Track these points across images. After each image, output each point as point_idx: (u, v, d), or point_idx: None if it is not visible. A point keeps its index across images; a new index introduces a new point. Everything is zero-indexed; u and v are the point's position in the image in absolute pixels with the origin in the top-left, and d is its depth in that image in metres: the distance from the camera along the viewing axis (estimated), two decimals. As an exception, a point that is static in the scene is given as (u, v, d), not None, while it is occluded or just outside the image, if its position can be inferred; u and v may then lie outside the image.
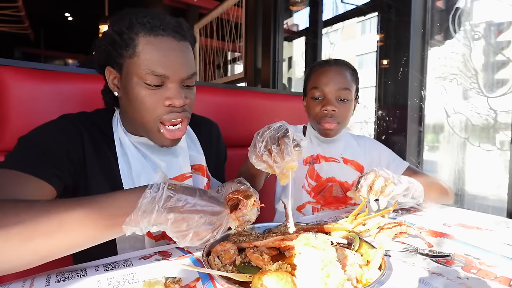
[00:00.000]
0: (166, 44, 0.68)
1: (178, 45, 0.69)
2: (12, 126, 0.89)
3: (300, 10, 2.63)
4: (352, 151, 1.14)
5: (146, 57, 0.66)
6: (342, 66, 1.06)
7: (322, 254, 0.45)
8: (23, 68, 0.93)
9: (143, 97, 0.68)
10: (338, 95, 1.02)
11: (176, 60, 0.68)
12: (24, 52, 8.18)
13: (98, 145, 0.73)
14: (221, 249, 0.57)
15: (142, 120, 0.70)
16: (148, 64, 0.66)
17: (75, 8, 6.66)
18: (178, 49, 0.69)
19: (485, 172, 1.37)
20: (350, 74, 1.05)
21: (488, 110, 1.27)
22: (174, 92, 0.68)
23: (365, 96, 1.93)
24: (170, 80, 0.68)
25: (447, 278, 0.50)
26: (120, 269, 0.53)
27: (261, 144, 0.60)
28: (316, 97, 1.04)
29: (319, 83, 1.04)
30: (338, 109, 1.02)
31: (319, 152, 1.11)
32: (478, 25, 1.32)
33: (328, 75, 1.03)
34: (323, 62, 1.09)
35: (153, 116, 0.69)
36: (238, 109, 1.39)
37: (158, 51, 0.67)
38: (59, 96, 0.96)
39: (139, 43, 0.67)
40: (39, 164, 0.60)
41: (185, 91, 0.71)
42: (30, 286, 0.47)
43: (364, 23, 8.30)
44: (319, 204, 1.09)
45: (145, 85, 0.67)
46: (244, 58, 2.62)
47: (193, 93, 0.75)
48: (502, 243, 0.67)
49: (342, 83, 1.02)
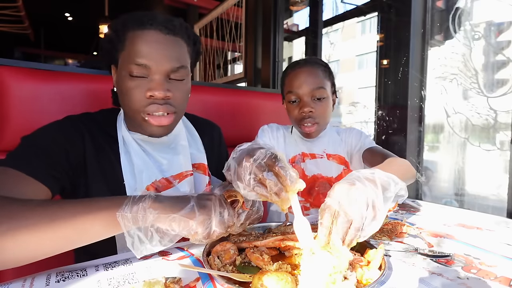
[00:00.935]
0: (151, 36, 0.69)
1: (164, 38, 0.70)
2: (12, 126, 0.89)
3: (300, 10, 2.63)
4: (335, 145, 1.15)
5: (131, 49, 0.69)
6: (313, 65, 1.06)
7: (335, 261, 0.45)
8: (23, 68, 0.93)
9: (128, 89, 0.70)
10: (313, 95, 1.02)
11: (160, 52, 0.69)
12: (24, 52, 8.18)
13: (100, 145, 0.73)
14: (221, 249, 0.57)
15: (130, 113, 0.73)
16: (132, 55, 0.68)
17: (75, 8, 6.66)
18: (163, 41, 0.70)
19: (485, 172, 1.37)
20: (322, 72, 1.05)
21: (488, 110, 1.27)
22: (156, 83, 0.69)
23: (365, 96, 1.93)
24: (152, 71, 0.69)
25: (447, 278, 0.50)
26: (120, 269, 0.53)
27: (248, 176, 0.51)
28: (293, 100, 1.05)
29: (292, 86, 1.04)
30: (315, 109, 1.02)
31: (303, 150, 1.13)
32: (478, 25, 1.32)
33: (300, 77, 1.03)
34: (294, 64, 1.09)
35: (137, 107, 0.70)
36: (238, 109, 1.39)
37: (142, 42, 0.68)
38: (59, 96, 0.96)
39: (127, 37, 0.70)
40: (36, 164, 0.61)
41: (170, 85, 0.71)
42: (30, 286, 0.47)
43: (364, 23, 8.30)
44: (308, 203, 1.09)
45: (130, 76, 0.69)
46: (244, 58, 2.62)
47: (182, 89, 0.74)
48: (502, 243, 0.67)
49: (315, 83, 1.02)
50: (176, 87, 0.72)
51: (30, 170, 0.59)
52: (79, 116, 0.75)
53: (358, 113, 1.97)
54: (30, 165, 0.60)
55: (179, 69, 0.72)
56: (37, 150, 0.63)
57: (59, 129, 0.69)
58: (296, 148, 1.14)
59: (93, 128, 0.74)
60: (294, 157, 1.12)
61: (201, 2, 4.75)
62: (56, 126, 0.70)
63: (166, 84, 0.70)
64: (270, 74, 2.37)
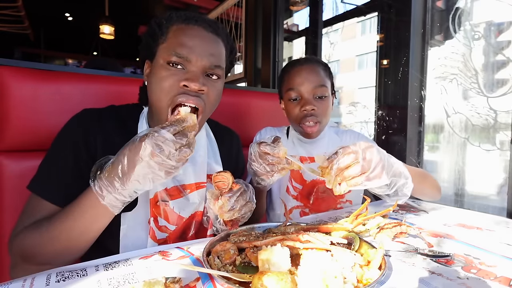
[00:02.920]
0: (195, 31, 0.71)
1: (207, 35, 0.72)
2: (12, 126, 0.89)
3: (300, 10, 2.63)
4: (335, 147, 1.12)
5: (173, 41, 0.70)
6: (314, 63, 1.04)
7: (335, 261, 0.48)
8: (23, 68, 0.93)
9: (162, 77, 0.69)
10: (315, 93, 1.01)
11: (201, 46, 0.70)
12: (24, 52, 8.18)
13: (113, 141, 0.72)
14: (221, 249, 0.57)
15: (158, 104, 0.71)
16: (174, 46, 0.69)
17: (75, 8, 6.66)
18: (205, 37, 0.71)
19: (485, 172, 1.37)
20: (323, 70, 1.04)
21: (488, 110, 1.27)
22: (193, 74, 0.69)
23: (365, 96, 1.93)
24: (191, 64, 0.70)
25: (447, 278, 0.50)
26: (120, 269, 0.53)
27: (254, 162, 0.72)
28: (293, 98, 1.03)
29: (293, 83, 1.02)
30: (317, 107, 1.00)
31: (302, 153, 1.09)
32: (478, 25, 1.31)
33: (302, 74, 1.01)
34: (294, 62, 1.07)
35: (168, 97, 0.69)
36: (238, 109, 1.39)
37: (185, 35, 0.70)
38: (59, 96, 0.96)
39: (171, 30, 0.71)
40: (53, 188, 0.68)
41: (205, 80, 0.71)
42: (30, 286, 0.47)
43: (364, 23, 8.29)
44: (307, 208, 1.07)
45: (167, 65, 0.70)
46: (244, 58, 2.62)
47: (216, 87, 0.74)
48: (502, 243, 0.67)
49: (317, 81, 1.01)
50: (211, 84, 0.73)
51: (50, 197, 0.67)
52: (96, 112, 0.75)
53: (358, 113, 1.97)
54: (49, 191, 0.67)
55: (216, 67, 0.72)
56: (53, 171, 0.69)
57: (68, 137, 0.71)
58: (294, 151, 1.10)
59: (111, 123, 0.74)
60: None
61: (201, 2, 4.75)
62: (67, 134, 0.71)
63: (202, 79, 0.70)
64: (270, 74, 2.37)
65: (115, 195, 0.57)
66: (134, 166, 0.54)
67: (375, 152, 0.66)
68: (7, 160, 0.88)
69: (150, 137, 0.54)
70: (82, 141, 0.70)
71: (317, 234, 0.61)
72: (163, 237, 0.75)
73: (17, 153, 0.90)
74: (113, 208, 0.59)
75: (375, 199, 1.12)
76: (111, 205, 0.58)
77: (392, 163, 0.72)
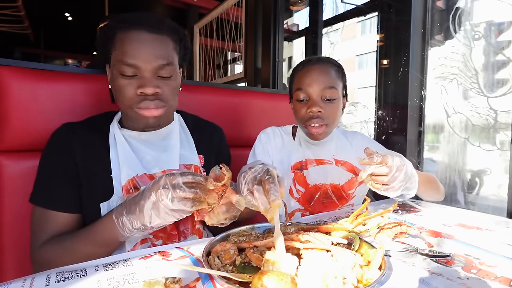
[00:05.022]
0: (137, 36, 0.73)
1: (150, 37, 0.74)
2: (12, 126, 0.89)
3: (300, 10, 2.63)
4: (344, 151, 1.09)
5: (120, 50, 0.73)
6: (325, 63, 1.00)
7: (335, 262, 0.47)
8: (23, 68, 0.93)
9: (120, 87, 0.75)
10: (323, 95, 0.97)
11: (146, 51, 0.73)
12: (24, 52, 8.17)
13: (90, 143, 0.78)
14: (221, 249, 0.57)
15: (123, 109, 0.78)
16: (122, 56, 0.73)
17: (75, 8, 6.66)
18: (149, 41, 0.74)
19: (485, 172, 1.37)
20: (335, 72, 1.00)
21: (488, 110, 1.27)
22: (145, 81, 0.74)
23: (365, 96, 1.93)
24: (142, 70, 0.74)
25: (447, 278, 0.50)
26: (120, 269, 0.53)
27: (244, 186, 0.60)
28: (301, 99, 0.99)
29: (302, 84, 0.99)
30: (325, 110, 0.96)
31: (309, 155, 1.07)
32: (478, 25, 1.31)
33: (312, 74, 0.98)
34: (306, 61, 1.03)
35: (130, 104, 0.75)
36: (238, 109, 1.39)
37: (129, 43, 0.73)
38: (59, 96, 0.96)
39: (117, 38, 0.74)
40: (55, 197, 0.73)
41: (158, 81, 0.76)
42: (30, 286, 0.47)
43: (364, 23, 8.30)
44: (307, 212, 1.05)
45: (121, 76, 0.74)
46: (244, 58, 2.62)
47: (170, 84, 0.79)
48: (502, 243, 0.67)
49: (326, 82, 0.97)
50: (164, 83, 0.77)
51: (53, 206, 0.73)
52: (71, 125, 0.81)
53: (358, 113, 1.97)
54: (50, 201, 0.73)
55: (165, 66, 0.76)
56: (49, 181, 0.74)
57: (55, 149, 0.76)
58: (300, 153, 1.07)
59: (84, 129, 0.79)
60: (297, 163, 1.06)
61: (201, 2, 4.75)
62: (52, 148, 0.77)
63: (155, 81, 0.75)
64: (270, 74, 2.37)
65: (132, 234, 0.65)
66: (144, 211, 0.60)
67: (402, 173, 0.74)
68: (7, 160, 0.88)
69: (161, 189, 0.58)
70: (66, 152, 0.75)
71: (317, 234, 0.61)
72: None
73: (17, 153, 0.90)
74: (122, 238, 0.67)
75: (375, 199, 1.12)
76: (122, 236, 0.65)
77: (412, 177, 0.78)
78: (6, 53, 7.44)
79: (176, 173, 0.58)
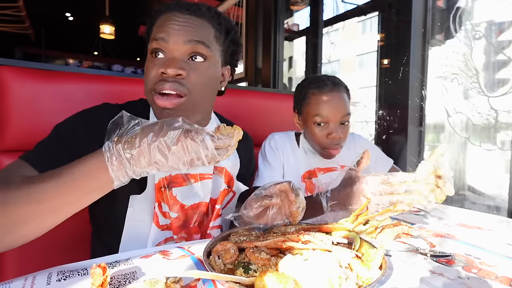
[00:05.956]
0: (171, 15, 0.70)
1: (184, 17, 0.69)
2: (12, 126, 0.89)
3: (301, 10, 2.62)
4: (345, 155, 1.14)
5: (155, 29, 0.70)
6: (340, 88, 1.03)
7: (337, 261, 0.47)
8: (24, 68, 0.93)
9: (147, 68, 0.70)
10: (342, 121, 1.02)
11: (177, 29, 0.68)
12: (24, 52, 8.19)
13: None
14: (221, 249, 0.57)
15: (146, 95, 0.72)
16: (155, 33, 0.70)
17: (76, 8, 6.67)
18: (182, 19, 0.69)
19: (486, 171, 1.37)
20: (347, 96, 1.05)
21: (489, 110, 1.27)
22: (170, 60, 0.68)
23: (365, 95, 1.93)
24: (169, 49, 0.68)
25: (448, 278, 0.50)
26: (120, 268, 0.53)
27: None
28: (319, 123, 1.02)
29: (321, 110, 1.01)
30: (343, 134, 1.02)
31: (316, 164, 1.10)
32: (479, 25, 1.31)
33: (331, 102, 1.01)
34: (320, 83, 1.04)
35: (149, 86, 0.69)
36: (238, 109, 1.39)
37: (164, 21, 0.69)
38: (59, 96, 0.96)
39: (156, 22, 0.72)
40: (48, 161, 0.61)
41: (186, 64, 0.68)
42: (31, 285, 0.47)
43: (365, 23, 8.29)
44: None
45: (151, 56, 0.70)
46: (245, 58, 2.62)
47: (199, 70, 0.69)
48: (503, 243, 0.67)
49: (345, 109, 1.01)
50: (193, 67, 0.69)
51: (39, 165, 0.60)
52: (112, 106, 0.75)
53: (358, 113, 1.97)
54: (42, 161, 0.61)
55: (196, 45, 0.68)
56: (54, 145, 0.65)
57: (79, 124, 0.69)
58: (307, 163, 1.10)
59: None
60: (305, 173, 1.09)
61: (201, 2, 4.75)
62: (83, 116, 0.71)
63: (181, 63, 0.67)
64: (270, 74, 2.37)
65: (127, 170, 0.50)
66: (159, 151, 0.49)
67: None
68: (7, 160, 0.88)
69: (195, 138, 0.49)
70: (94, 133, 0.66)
71: (318, 233, 0.61)
72: (166, 223, 0.76)
73: (17, 153, 0.90)
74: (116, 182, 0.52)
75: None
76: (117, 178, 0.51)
77: None
78: (7, 53, 7.45)
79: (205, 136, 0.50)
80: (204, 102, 0.74)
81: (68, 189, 0.50)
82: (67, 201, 0.51)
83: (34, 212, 0.50)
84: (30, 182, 0.50)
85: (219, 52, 0.75)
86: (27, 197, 0.49)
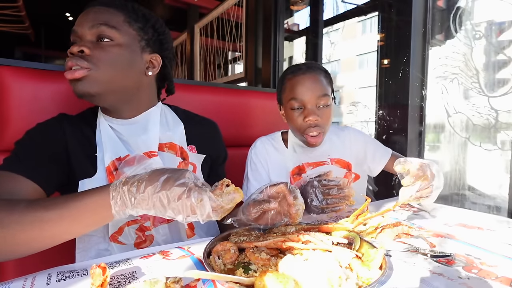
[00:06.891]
0: (85, 12, 0.76)
1: (92, 9, 0.76)
2: (12, 126, 0.89)
3: (301, 10, 2.62)
4: (337, 149, 1.12)
5: None
6: (316, 71, 1.02)
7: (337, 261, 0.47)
8: (24, 68, 0.93)
9: None
10: (318, 103, 0.99)
11: (82, 18, 0.75)
12: (24, 52, 8.19)
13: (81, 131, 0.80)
14: (221, 249, 0.57)
15: None
16: None
17: (76, 8, 6.65)
18: (89, 11, 0.75)
19: (486, 171, 1.37)
20: (324, 78, 1.02)
21: (489, 110, 1.27)
22: (76, 40, 0.74)
23: (365, 95, 1.93)
24: (78, 37, 0.74)
25: (448, 278, 0.50)
26: (120, 268, 0.53)
27: None
28: (295, 107, 1.01)
29: (296, 93, 1.00)
30: (321, 118, 0.99)
31: (305, 160, 1.09)
32: (479, 25, 1.31)
33: (305, 83, 0.99)
34: (295, 69, 1.04)
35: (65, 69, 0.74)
36: (238, 109, 1.39)
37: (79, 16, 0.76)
38: (59, 96, 0.96)
39: None
40: (26, 163, 0.67)
41: (90, 44, 0.73)
42: (31, 285, 0.47)
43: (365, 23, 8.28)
44: None
45: None
46: (245, 58, 2.62)
47: (104, 49, 0.73)
48: (503, 243, 0.67)
49: (320, 90, 0.99)
50: (99, 46, 0.73)
51: (22, 170, 0.65)
52: (65, 115, 0.82)
53: (358, 113, 1.97)
54: (21, 165, 0.66)
55: (101, 26, 0.73)
56: (26, 151, 0.70)
57: (43, 128, 0.76)
58: (296, 159, 1.09)
59: (77, 120, 0.81)
60: (294, 169, 1.08)
61: (201, 2, 4.74)
62: (41, 127, 0.76)
63: (85, 42, 0.73)
64: (270, 74, 2.37)
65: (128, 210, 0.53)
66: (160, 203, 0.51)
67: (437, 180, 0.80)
68: (7, 160, 0.88)
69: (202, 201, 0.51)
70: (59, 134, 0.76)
71: (318, 234, 0.61)
72: None
73: (18, 152, 0.91)
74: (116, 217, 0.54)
75: (376, 199, 1.12)
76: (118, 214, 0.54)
77: None
78: (7, 53, 7.45)
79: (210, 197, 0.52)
80: (118, 81, 0.76)
81: (71, 222, 0.53)
82: (68, 231, 0.54)
83: (34, 238, 0.52)
84: (35, 210, 0.52)
85: (135, 36, 0.78)
86: (30, 225, 0.51)
